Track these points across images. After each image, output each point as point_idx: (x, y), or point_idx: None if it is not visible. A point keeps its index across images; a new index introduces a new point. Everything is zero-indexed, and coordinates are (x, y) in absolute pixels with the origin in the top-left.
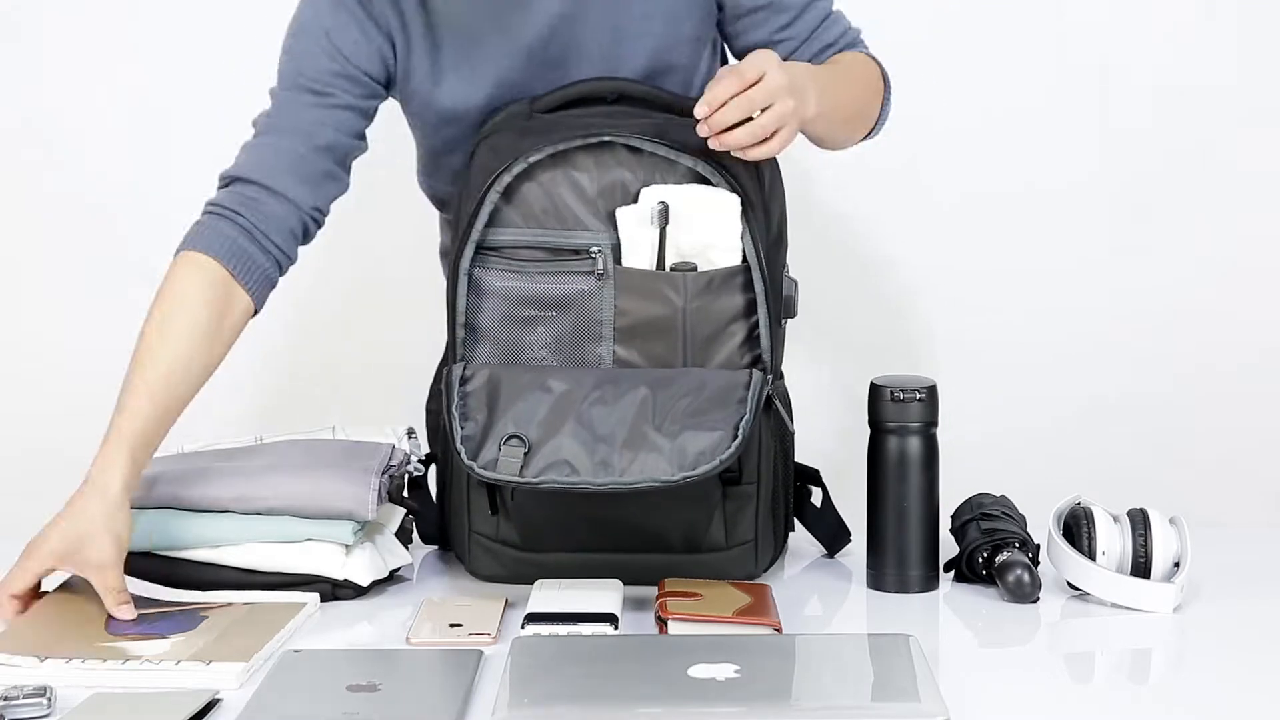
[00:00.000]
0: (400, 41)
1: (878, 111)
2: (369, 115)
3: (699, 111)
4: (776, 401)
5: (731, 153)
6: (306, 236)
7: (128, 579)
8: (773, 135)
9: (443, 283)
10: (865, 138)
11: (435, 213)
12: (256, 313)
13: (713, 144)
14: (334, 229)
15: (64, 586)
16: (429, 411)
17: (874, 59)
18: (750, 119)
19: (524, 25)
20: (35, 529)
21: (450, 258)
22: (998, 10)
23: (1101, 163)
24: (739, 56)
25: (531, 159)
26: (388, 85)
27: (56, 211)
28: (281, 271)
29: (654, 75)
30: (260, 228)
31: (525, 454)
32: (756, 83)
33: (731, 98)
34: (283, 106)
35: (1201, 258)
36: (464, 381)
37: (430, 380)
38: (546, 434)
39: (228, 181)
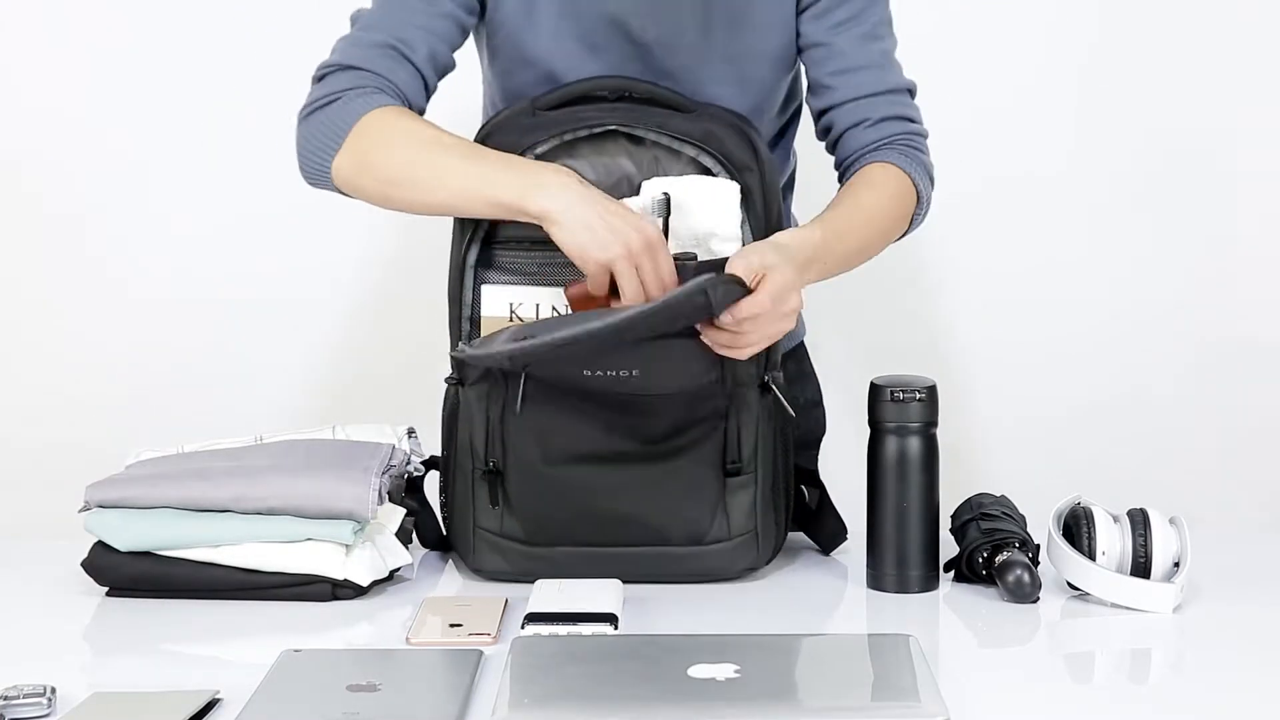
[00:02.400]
0: None
1: (898, 234)
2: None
3: (723, 325)
4: (775, 389)
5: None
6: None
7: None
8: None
9: (444, 281)
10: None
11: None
12: None
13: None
14: (335, 229)
15: None
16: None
17: (911, 170)
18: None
19: None
20: (33, 528)
21: (453, 253)
22: (994, 11)
23: (1101, 161)
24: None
25: (537, 151)
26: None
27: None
28: None
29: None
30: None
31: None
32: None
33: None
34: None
35: (1202, 257)
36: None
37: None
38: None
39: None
